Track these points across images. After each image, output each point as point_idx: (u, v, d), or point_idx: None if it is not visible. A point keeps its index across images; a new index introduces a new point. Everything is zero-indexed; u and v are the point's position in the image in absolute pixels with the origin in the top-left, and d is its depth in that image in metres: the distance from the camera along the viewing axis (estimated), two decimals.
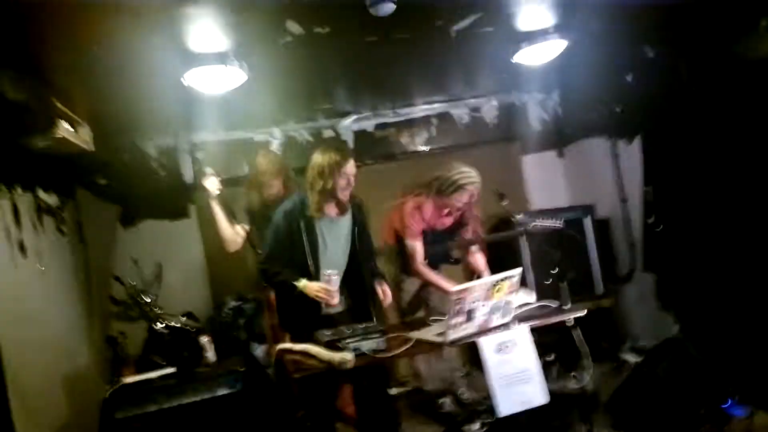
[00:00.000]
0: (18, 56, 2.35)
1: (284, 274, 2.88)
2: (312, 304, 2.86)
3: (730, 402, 3.15)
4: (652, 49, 3.72)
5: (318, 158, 2.90)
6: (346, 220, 3.04)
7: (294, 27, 2.39)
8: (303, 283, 2.83)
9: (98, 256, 4.04)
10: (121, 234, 4.39)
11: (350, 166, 2.88)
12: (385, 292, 3.06)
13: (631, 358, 4.21)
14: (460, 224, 3.72)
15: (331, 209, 2.98)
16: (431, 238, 3.63)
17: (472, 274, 3.67)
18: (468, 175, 3.47)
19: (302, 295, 2.83)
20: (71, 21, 2.25)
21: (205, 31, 2.44)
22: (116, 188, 4.17)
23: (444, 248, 3.71)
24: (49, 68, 2.59)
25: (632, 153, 4.35)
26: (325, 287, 2.81)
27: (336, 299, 2.88)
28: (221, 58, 2.64)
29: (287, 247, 2.91)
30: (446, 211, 3.60)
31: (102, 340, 3.89)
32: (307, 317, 2.87)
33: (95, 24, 2.25)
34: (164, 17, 2.24)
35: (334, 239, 2.99)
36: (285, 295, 2.97)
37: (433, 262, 3.65)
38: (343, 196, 2.92)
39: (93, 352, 3.68)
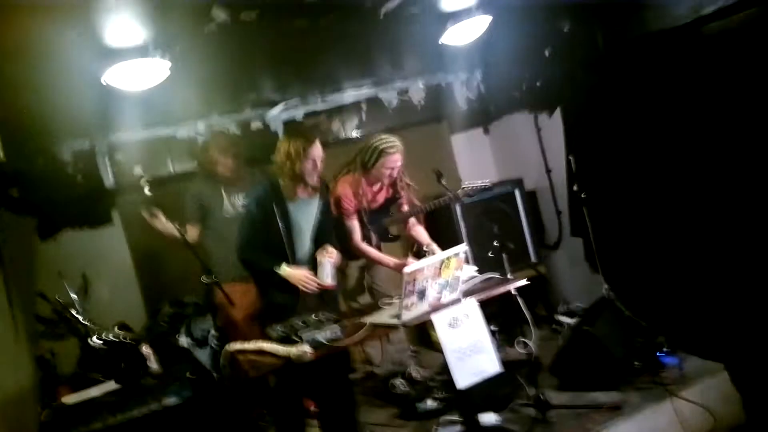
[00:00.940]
0: None
1: (262, 260, 2.93)
2: (288, 292, 2.92)
3: (661, 352, 3.39)
4: (568, 24, 3.88)
5: (284, 144, 2.95)
6: (316, 201, 3.10)
7: (219, 14, 2.30)
8: (285, 270, 2.88)
9: (18, 273, 3.76)
10: (41, 248, 4.10)
11: (316, 149, 2.94)
12: (330, 252, 3.00)
13: (567, 321, 4.42)
14: (393, 199, 3.74)
15: (303, 191, 3.03)
16: (367, 217, 3.63)
17: (412, 249, 3.71)
18: (388, 140, 3.48)
19: (282, 282, 2.88)
20: None
21: (123, 24, 2.30)
22: (31, 199, 3.88)
23: (381, 226, 3.72)
24: None
25: (554, 125, 4.53)
26: (305, 275, 2.88)
27: (313, 289, 2.93)
28: (141, 51, 2.50)
29: (262, 234, 2.95)
30: (377, 186, 3.62)
31: (31, 362, 3.64)
32: (287, 303, 2.93)
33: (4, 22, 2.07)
34: (78, 11, 2.09)
35: (306, 221, 3.05)
36: (265, 282, 3.02)
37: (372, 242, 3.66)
38: (311, 179, 2.96)
39: (23, 375, 3.44)
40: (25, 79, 2.68)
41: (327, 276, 2.92)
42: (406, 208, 3.73)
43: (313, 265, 3.00)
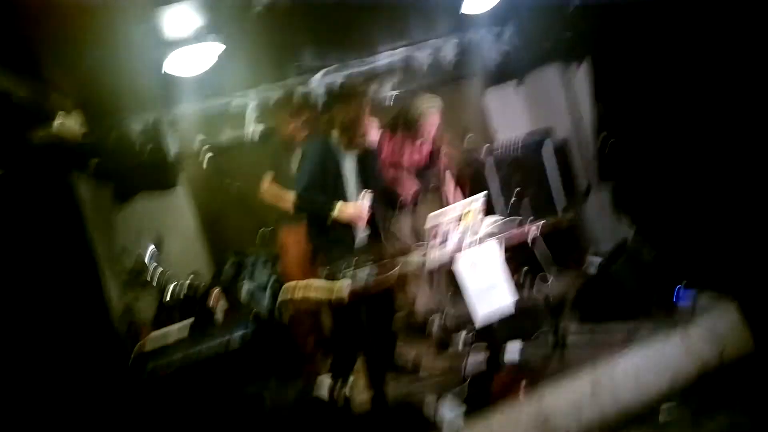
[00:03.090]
0: (17, 56, 2.60)
1: (320, 200, 3.25)
2: (345, 231, 3.27)
3: (678, 288, 3.62)
4: None
5: (343, 108, 3.33)
6: (363, 156, 3.43)
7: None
8: (339, 208, 3.20)
9: (100, 234, 4.33)
10: (119, 210, 4.67)
11: (370, 115, 3.32)
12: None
13: (597, 263, 4.67)
14: (434, 156, 4.10)
15: (354, 145, 3.35)
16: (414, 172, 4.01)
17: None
18: (428, 99, 3.86)
19: (334, 224, 3.22)
20: (63, 19, 2.50)
21: (181, 13, 2.69)
22: (107, 168, 4.43)
23: (424, 180, 4.11)
24: (44, 64, 2.83)
25: (584, 75, 4.68)
26: (358, 209, 3.21)
27: (365, 219, 3.27)
28: (197, 37, 2.89)
29: (321, 179, 3.27)
30: (419, 143, 3.98)
31: (120, 309, 4.24)
32: (340, 244, 3.25)
33: (85, 20, 2.50)
34: (144, 6, 2.49)
35: (357, 172, 3.40)
36: (318, 224, 3.32)
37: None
38: (369, 134, 3.34)
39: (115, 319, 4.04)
40: (102, 64, 3.12)
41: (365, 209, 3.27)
42: (444, 163, 4.10)
43: None
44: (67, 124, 3.29)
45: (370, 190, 3.30)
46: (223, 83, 4.27)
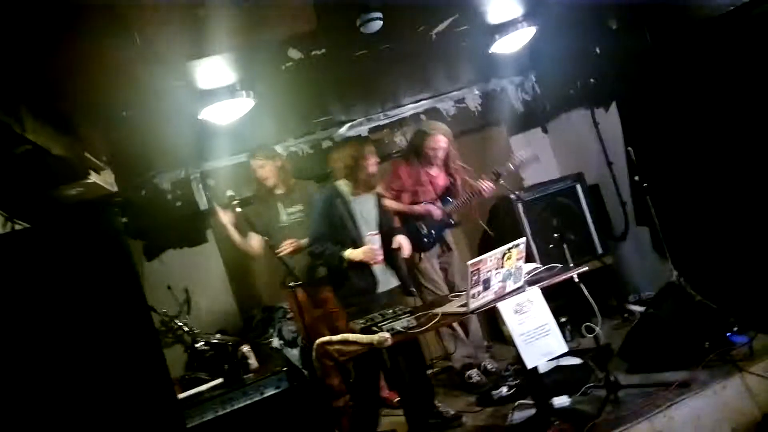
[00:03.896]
0: (52, 112, 2.63)
1: (330, 248, 3.27)
2: (364, 277, 3.27)
3: (731, 332, 3.43)
4: (615, 22, 4.03)
5: (342, 153, 3.39)
6: (371, 199, 3.45)
7: (294, 53, 2.67)
8: (348, 251, 3.22)
9: None
10: (147, 266, 4.63)
11: (370, 151, 3.36)
12: (401, 243, 3.34)
13: (638, 309, 4.49)
14: (452, 185, 4.10)
15: (360, 190, 3.38)
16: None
17: None
18: (430, 123, 3.95)
19: (350, 269, 3.24)
20: (95, 76, 2.52)
21: (214, 68, 2.72)
22: (138, 224, 4.43)
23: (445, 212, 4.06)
24: (77, 121, 2.86)
25: (611, 119, 4.64)
26: (368, 248, 3.22)
27: (380, 258, 3.27)
28: (230, 91, 2.91)
29: (329, 227, 3.31)
30: (433, 170, 3.98)
31: None
32: (365, 292, 3.27)
33: (119, 79, 2.52)
34: (178, 62, 2.51)
35: (366, 215, 3.40)
36: (335, 273, 3.36)
37: (438, 232, 4.03)
38: (371, 176, 3.35)
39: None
40: (133, 123, 3.15)
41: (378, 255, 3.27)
42: (460, 189, 4.07)
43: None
44: (100, 179, 3.30)
45: (376, 231, 3.33)
46: (253, 139, 4.29)
